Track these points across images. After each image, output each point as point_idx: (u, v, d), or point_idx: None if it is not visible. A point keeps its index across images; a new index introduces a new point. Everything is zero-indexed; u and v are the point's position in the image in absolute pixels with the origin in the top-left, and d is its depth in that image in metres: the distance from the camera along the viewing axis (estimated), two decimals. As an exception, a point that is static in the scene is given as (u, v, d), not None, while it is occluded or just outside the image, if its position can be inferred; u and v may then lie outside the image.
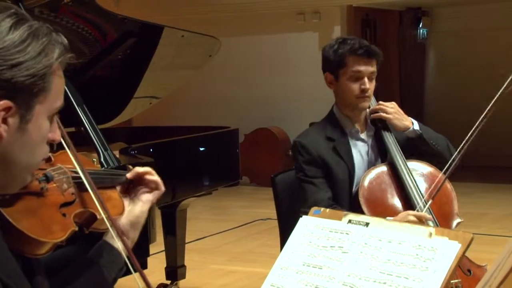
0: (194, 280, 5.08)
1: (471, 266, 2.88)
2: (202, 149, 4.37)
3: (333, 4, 9.58)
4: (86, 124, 3.13)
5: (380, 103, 3.10)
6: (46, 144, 1.45)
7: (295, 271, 1.62)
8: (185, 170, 4.05)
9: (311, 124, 3.39)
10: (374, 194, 2.94)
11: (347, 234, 1.61)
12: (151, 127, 5.33)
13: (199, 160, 4.30)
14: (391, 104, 3.10)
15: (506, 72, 2.53)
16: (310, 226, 1.68)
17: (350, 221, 1.63)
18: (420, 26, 10.98)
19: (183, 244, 4.44)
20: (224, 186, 4.59)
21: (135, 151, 3.59)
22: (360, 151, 3.09)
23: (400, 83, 10.87)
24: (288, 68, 9.80)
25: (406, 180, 2.94)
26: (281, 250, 1.69)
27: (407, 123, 3.06)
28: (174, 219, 4.27)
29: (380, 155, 3.11)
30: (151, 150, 3.77)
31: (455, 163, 2.74)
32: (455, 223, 2.97)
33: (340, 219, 1.65)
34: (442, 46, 11.15)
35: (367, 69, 3.01)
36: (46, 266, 1.56)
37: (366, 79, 3.00)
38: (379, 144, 3.10)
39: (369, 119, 3.12)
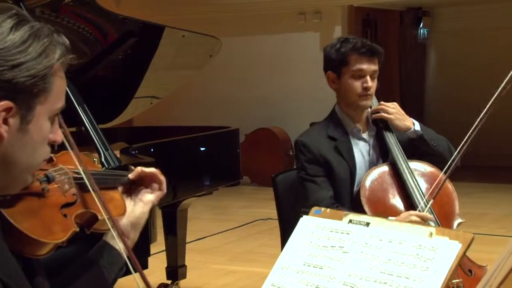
0: (195, 280, 5.08)
1: (472, 266, 2.88)
2: (202, 149, 4.37)
3: (334, 4, 9.57)
4: (87, 124, 3.14)
5: (381, 103, 3.10)
6: (47, 145, 1.45)
7: (295, 271, 1.62)
8: (185, 170, 4.05)
9: (312, 124, 3.39)
10: (375, 194, 2.94)
11: (348, 234, 1.61)
12: (152, 127, 5.33)
13: (200, 160, 4.30)
14: (393, 105, 3.10)
15: (507, 72, 2.53)
16: (310, 226, 1.68)
17: (350, 221, 1.63)
18: (421, 26, 10.98)
19: (183, 244, 4.44)
20: (224, 186, 4.59)
21: (136, 151, 3.59)
22: (361, 150, 3.09)
23: (401, 83, 10.87)
24: (289, 68, 9.79)
25: (408, 180, 2.94)
26: (281, 250, 1.69)
27: (408, 123, 3.06)
28: (175, 219, 4.27)
29: (382, 155, 3.10)
30: (152, 150, 3.77)
31: (455, 163, 2.74)
32: (456, 224, 2.97)
33: (340, 219, 1.65)
34: (443, 46, 11.15)
35: (369, 67, 3.02)
36: (47, 266, 1.56)
37: (368, 77, 3.00)
38: (380, 144, 3.10)
39: (370, 119, 3.12)
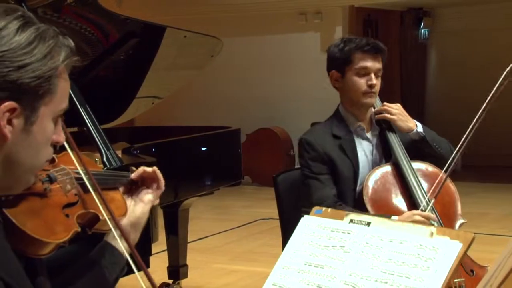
0: (196, 279, 5.09)
1: (473, 266, 2.88)
2: (204, 149, 4.37)
3: (335, 4, 9.57)
4: (89, 124, 3.14)
5: (384, 104, 3.10)
6: (50, 146, 1.46)
7: (296, 271, 1.62)
8: (187, 170, 4.05)
9: (313, 124, 3.40)
10: (378, 193, 2.94)
11: (349, 233, 1.61)
12: (153, 127, 5.33)
13: (201, 160, 4.30)
14: (396, 106, 3.10)
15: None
16: (311, 225, 1.68)
17: (351, 220, 1.64)
18: (422, 26, 10.97)
19: (185, 244, 4.44)
20: (226, 186, 4.59)
21: (137, 151, 3.59)
22: (364, 150, 3.09)
23: (401, 83, 10.86)
24: (290, 68, 9.79)
25: (411, 180, 2.94)
26: (282, 249, 1.69)
27: (411, 125, 3.07)
28: (176, 218, 4.28)
29: (385, 155, 3.11)
30: (153, 150, 3.77)
31: (455, 161, 2.75)
32: (458, 224, 2.97)
33: (341, 218, 1.66)
34: (443, 46, 11.15)
35: (374, 65, 3.02)
36: (48, 266, 1.57)
37: (372, 75, 3.01)
38: (383, 144, 3.11)
39: (374, 119, 3.13)
